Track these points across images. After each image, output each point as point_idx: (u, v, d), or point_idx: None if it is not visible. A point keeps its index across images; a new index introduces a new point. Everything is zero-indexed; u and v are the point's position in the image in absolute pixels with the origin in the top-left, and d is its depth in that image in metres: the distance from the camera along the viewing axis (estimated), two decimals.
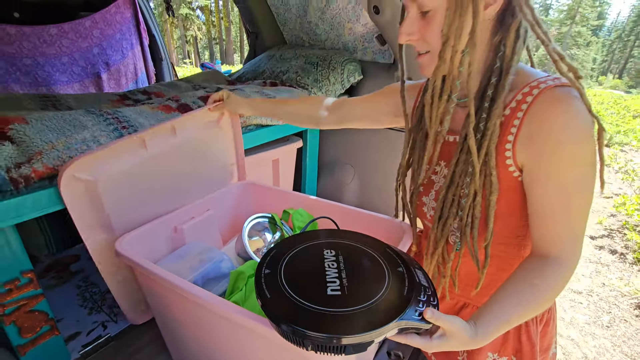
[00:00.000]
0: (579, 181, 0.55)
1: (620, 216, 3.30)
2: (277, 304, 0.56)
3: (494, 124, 0.57)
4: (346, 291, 0.58)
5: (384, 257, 0.65)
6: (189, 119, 1.01)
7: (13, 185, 0.74)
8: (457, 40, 0.55)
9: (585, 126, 0.52)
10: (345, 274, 0.62)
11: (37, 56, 2.17)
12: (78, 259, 1.50)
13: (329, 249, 0.68)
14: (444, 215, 0.67)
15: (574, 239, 0.57)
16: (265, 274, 0.62)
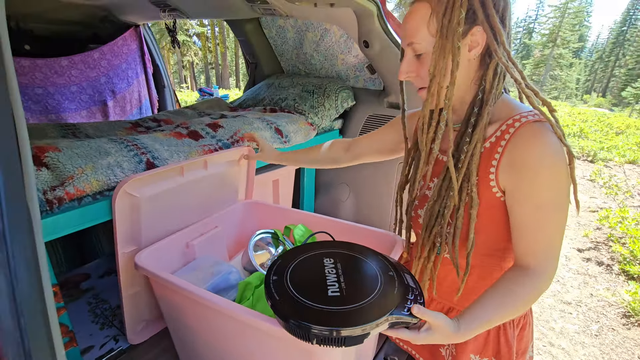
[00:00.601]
0: (554, 202, 0.63)
1: (605, 229, 3.43)
2: (285, 304, 0.65)
3: (474, 146, 0.68)
4: (344, 293, 0.68)
5: (377, 264, 0.75)
6: (218, 157, 1.17)
7: (48, 206, 0.84)
8: (442, 78, 0.66)
9: (558, 155, 0.62)
10: (344, 278, 0.72)
11: (48, 86, 2.29)
12: (88, 277, 1.57)
13: (328, 258, 0.78)
14: (430, 224, 0.76)
15: (550, 254, 0.65)
16: (273, 280, 0.71)
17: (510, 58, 0.65)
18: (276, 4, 1.56)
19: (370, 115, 1.87)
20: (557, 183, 0.62)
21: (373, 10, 1.41)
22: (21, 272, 0.41)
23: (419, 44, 0.68)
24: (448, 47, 0.64)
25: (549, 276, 0.65)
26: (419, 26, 0.67)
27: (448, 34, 0.63)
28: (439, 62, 0.65)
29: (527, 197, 0.64)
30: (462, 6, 0.62)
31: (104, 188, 0.94)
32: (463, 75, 0.68)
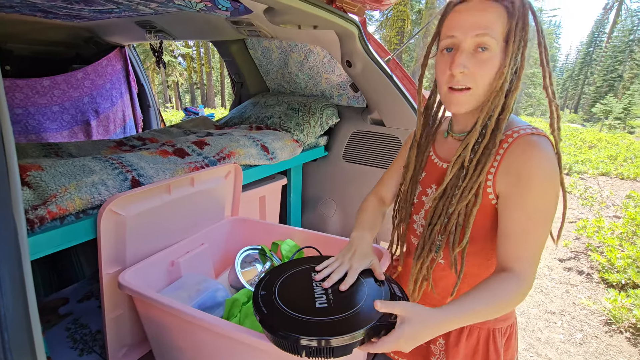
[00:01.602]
0: (543, 211, 0.66)
1: (583, 239, 3.54)
2: (272, 317, 0.65)
3: (490, 152, 0.69)
4: (332, 303, 0.68)
5: (363, 275, 0.77)
6: (205, 174, 1.17)
7: (29, 226, 0.82)
8: (500, 85, 0.66)
9: (553, 168, 0.66)
10: (331, 290, 0.73)
11: (28, 106, 2.26)
12: (67, 302, 1.50)
13: (315, 272, 0.78)
14: (432, 222, 0.78)
15: (533, 260, 0.67)
16: (261, 295, 0.72)
17: (551, 81, 0.69)
18: (261, 26, 1.61)
19: (355, 131, 1.92)
20: (549, 194, 0.65)
21: (354, 31, 1.48)
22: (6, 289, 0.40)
23: (492, 38, 0.64)
24: (518, 56, 0.66)
25: (529, 282, 0.67)
26: (494, 21, 0.64)
27: (518, 43, 0.65)
28: (508, 66, 0.65)
29: (519, 204, 0.67)
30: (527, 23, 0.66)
31: (87, 206, 0.93)
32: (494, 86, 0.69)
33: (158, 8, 1.48)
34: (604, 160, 7.25)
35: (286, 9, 1.20)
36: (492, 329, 0.82)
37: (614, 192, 5.15)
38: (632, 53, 29.63)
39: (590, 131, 14.58)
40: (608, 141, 10.40)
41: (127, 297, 1.00)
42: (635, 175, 6.05)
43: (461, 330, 0.83)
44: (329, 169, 2.02)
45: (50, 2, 1.42)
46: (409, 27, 21.36)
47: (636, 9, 33.01)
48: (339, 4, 1.39)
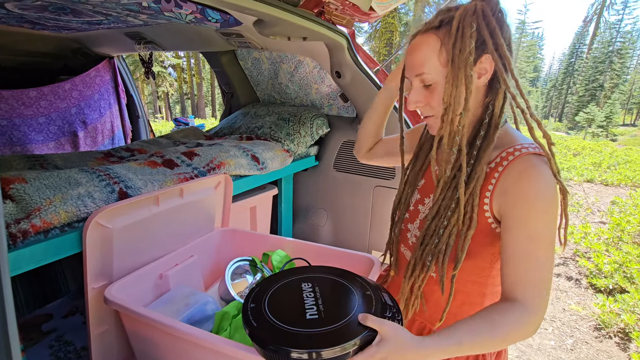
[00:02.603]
0: (545, 232, 0.62)
1: (571, 245, 3.59)
2: (262, 331, 0.64)
3: (482, 168, 0.68)
4: (323, 315, 0.67)
5: (354, 285, 0.76)
6: (195, 185, 1.16)
7: (12, 240, 0.80)
8: (457, 106, 0.67)
9: (553, 189, 0.63)
10: (322, 300, 0.72)
11: (13, 117, 2.22)
12: (50, 318, 1.46)
13: (306, 282, 0.78)
14: (425, 242, 0.75)
15: (540, 288, 0.62)
16: (250, 307, 0.71)
17: (518, 86, 0.66)
18: (251, 38, 1.62)
19: (345, 141, 1.93)
20: (550, 216, 0.63)
21: (343, 43, 1.50)
22: None
23: (429, 74, 0.69)
24: (461, 76, 0.65)
25: (536, 312, 0.62)
26: (428, 57, 0.68)
27: (460, 63, 0.65)
28: (452, 91, 0.66)
29: (520, 226, 0.64)
30: (472, 36, 0.64)
31: (73, 219, 0.91)
32: (472, 101, 0.69)
33: (148, 20, 1.48)
34: (589, 167, 7.43)
35: (275, 21, 1.22)
36: None
37: (599, 199, 5.26)
38: (611, 64, 30.73)
39: (575, 139, 14.96)
40: (592, 149, 10.68)
41: (114, 312, 0.98)
42: (619, 181, 6.21)
43: None
44: (319, 179, 2.02)
45: (38, 14, 1.41)
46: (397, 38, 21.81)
47: (614, 22, 34.37)
48: (328, 17, 1.41)
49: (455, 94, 0.66)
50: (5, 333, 0.44)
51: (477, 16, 0.64)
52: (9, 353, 0.43)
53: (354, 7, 1.36)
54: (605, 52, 31.45)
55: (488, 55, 0.66)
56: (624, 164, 7.79)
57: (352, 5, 1.34)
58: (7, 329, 0.44)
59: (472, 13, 0.65)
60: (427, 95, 0.71)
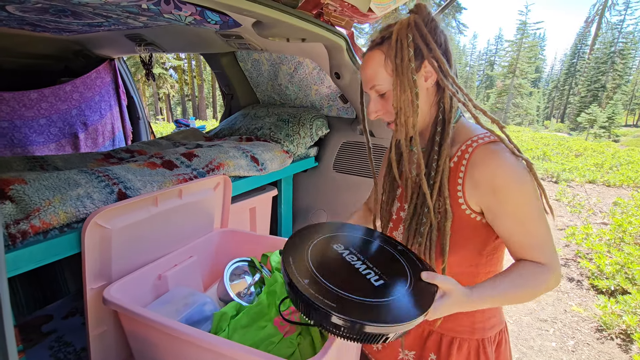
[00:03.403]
0: (534, 211, 0.68)
1: (572, 246, 3.58)
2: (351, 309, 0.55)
3: (444, 161, 0.74)
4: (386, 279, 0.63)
5: (384, 243, 0.75)
6: (194, 186, 1.16)
7: (11, 241, 0.80)
8: (406, 109, 0.74)
9: (518, 169, 0.68)
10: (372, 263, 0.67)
11: (14, 119, 2.23)
12: (50, 319, 1.46)
13: (336, 244, 0.72)
14: (409, 243, 0.79)
15: (549, 250, 0.69)
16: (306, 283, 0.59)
17: (456, 83, 0.73)
18: (251, 39, 1.63)
19: (344, 142, 1.93)
20: (530, 195, 0.68)
21: (342, 44, 1.51)
22: None
23: (380, 85, 0.76)
24: (405, 81, 0.72)
25: (558, 269, 0.69)
26: (377, 70, 0.76)
27: (403, 70, 0.72)
28: (400, 96, 0.73)
29: (508, 214, 0.69)
30: (410, 45, 0.72)
31: (72, 220, 0.91)
32: (424, 102, 0.76)
33: (147, 21, 1.49)
34: (591, 168, 7.40)
35: (274, 22, 1.22)
36: (482, 339, 0.82)
37: (601, 199, 5.25)
38: (613, 64, 30.65)
39: (577, 140, 14.92)
40: (594, 149, 10.65)
41: (112, 313, 0.98)
42: (621, 182, 6.18)
43: (451, 343, 0.82)
44: (319, 180, 2.03)
45: (38, 16, 1.42)
46: None
47: (616, 22, 34.29)
48: (327, 18, 1.42)
49: (404, 97, 0.73)
50: (2, 333, 0.44)
51: (411, 28, 0.73)
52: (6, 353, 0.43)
53: (353, 9, 1.37)
54: (607, 53, 31.38)
55: (432, 57, 0.72)
56: (626, 165, 7.76)
57: (351, 6, 1.34)
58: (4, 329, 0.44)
59: (407, 26, 0.73)
60: (383, 103, 0.79)
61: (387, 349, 0.93)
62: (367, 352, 0.99)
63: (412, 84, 0.72)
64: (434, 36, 0.73)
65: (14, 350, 0.47)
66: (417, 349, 0.87)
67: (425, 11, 0.74)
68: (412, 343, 0.88)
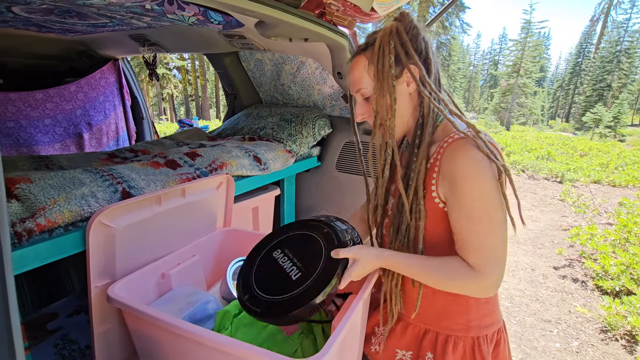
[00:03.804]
0: (478, 209, 0.70)
1: (577, 246, 3.55)
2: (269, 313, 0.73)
3: (420, 163, 0.77)
4: (303, 270, 0.76)
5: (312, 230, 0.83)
6: (197, 185, 1.17)
7: (17, 239, 0.81)
8: (385, 113, 0.78)
9: (479, 165, 0.69)
10: (297, 258, 0.79)
11: (20, 119, 2.25)
12: (55, 317, 1.47)
13: (276, 250, 0.84)
14: (392, 240, 0.83)
15: (485, 255, 0.70)
16: (246, 299, 0.78)
17: (433, 89, 0.76)
18: (253, 39, 1.63)
19: (347, 142, 1.93)
20: (482, 194, 0.70)
21: (344, 44, 1.51)
22: None
23: (365, 88, 0.81)
24: (385, 86, 0.76)
25: (485, 275, 0.70)
26: (361, 75, 0.80)
27: (383, 76, 0.76)
28: (379, 100, 0.77)
29: (455, 206, 0.73)
30: (391, 52, 0.76)
31: (77, 219, 0.92)
32: (407, 106, 0.80)
33: (151, 22, 1.50)
34: (596, 168, 7.35)
35: (277, 22, 1.23)
36: (477, 336, 0.82)
37: (606, 200, 5.21)
38: (619, 63, 30.38)
39: (582, 139, 14.81)
40: (599, 149, 10.57)
41: (117, 311, 0.99)
42: (626, 182, 6.13)
43: (446, 342, 0.83)
44: (321, 179, 2.03)
45: (44, 17, 1.43)
46: None
47: (622, 21, 33.99)
48: (329, 18, 1.42)
49: (382, 102, 0.77)
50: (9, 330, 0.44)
51: (393, 35, 0.76)
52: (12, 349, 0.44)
53: (355, 8, 1.37)
54: (613, 52, 31.09)
55: (412, 65, 0.76)
56: (632, 165, 7.70)
57: (353, 6, 1.35)
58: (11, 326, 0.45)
59: (389, 33, 0.77)
60: (368, 107, 0.83)
61: (385, 350, 0.93)
62: (365, 353, 0.99)
63: (391, 89, 0.76)
64: (414, 44, 0.77)
65: (21, 347, 0.48)
66: (414, 348, 0.88)
67: (408, 19, 0.78)
68: (409, 343, 0.89)
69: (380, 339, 0.94)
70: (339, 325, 0.72)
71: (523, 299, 2.69)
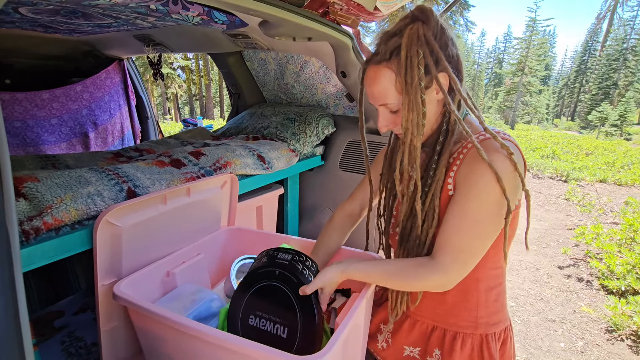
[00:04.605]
0: (475, 212, 0.69)
1: (582, 246, 3.53)
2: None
3: (440, 171, 0.75)
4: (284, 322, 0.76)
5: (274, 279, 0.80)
6: (201, 184, 1.17)
7: (24, 237, 0.82)
8: (414, 129, 0.73)
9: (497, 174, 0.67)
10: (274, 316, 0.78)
11: (27, 119, 2.28)
12: (62, 315, 1.49)
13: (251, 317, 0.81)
14: (403, 242, 0.82)
15: (455, 252, 0.70)
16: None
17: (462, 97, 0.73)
18: (257, 39, 1.64)
19: (350, 140, 1.93)
20: (486, 199, 0.68)
21: (348, 43, 1.51)
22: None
23: (392, 103, 0.75)
24: (414, 101, 0.71)
25: (447, 272, 0.70)
26: (387, 88, 0.74)
27: (412, 90, 0.70)
28: (409, 116, 0.73)
29: (457, 201, 0.72)
30: (420, 63, 0.69)
31: (83, 217, 0.93)
32: (433, 112, 0.76)
33: (156, 22, 1.51)
34: (602, 167, 7.29)
35: (280, 22, 1.23)
36: (485, 334, 0.82)
37: (612, 199, 5.16)
38: (626, 61, 30.05)
39: (587, 138, 14.67)
40: (605, 148, 10.47)
41: (122, 309, 1.00)
42: (633, 181, 6.07)
43: (454, 338, 0.83)
44: (325, 178, 2.03)
45: (50, 17, 1.45)
46: None
47: (628, 18, 33.60)
48: (333, 17, 1.42)
49: (412, 117, 0.72)
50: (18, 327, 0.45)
51: (422, 44, 0.69)
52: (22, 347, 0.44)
53: (359, 7, 1.37)
54: (619, 50, 30.77)
55: (443, 73, 0.71)
56: (638, 164, 7.62)
57: (357, 5, 1.35)
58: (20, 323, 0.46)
59: (416, 40, 0.69)
60: (394, 118, 0.78)
61: (392, 347, 0.93)
62: (372, 351, 0.99)
63: (420, 104, 0.71)
64: (445, 50, 0.70)
65: (30, 344, 0.49)
66: (422, 345, 0.88)
67: (433, 19, 0.70)
68: (417, 339, 0.89)
69: (387, 336, 0.95)
70: (342, 323, 0.72)
71: (527, 298, 2.68)
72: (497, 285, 0.83)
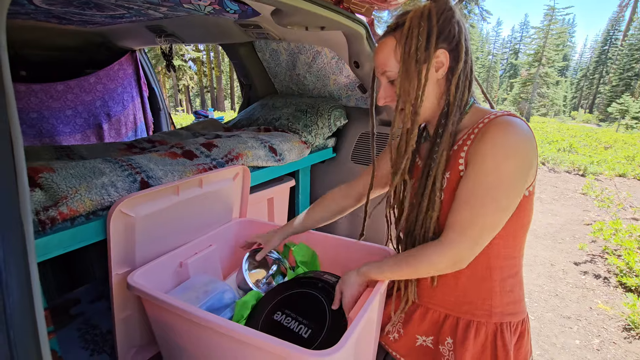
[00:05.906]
0: (486, 186, 0.68)
1: (600, 242, 3.44)
2: None
3: (441, 154, 0.75)
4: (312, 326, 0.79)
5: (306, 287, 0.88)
6: (213, 175, 1.17)
7: (41, 227, 0.83)
8: (408, 98, 0.74)
9: (511, 147, 0.67)
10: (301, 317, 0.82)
11: (42, 110, 2.31)
12: (78, 303, 1.52)
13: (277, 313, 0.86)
14: (409, 230, 0.83)
15: (463, 229, 0.70)
16: None
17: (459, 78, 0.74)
18: (269, 29, 1.61)
19: (363, 132, 1.90)
20: (499, 174, 0.67)
21: (362, 32, 1.47)
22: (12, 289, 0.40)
23: (390, 71, 0.77)
24: (411, 70, 0.73)
25: (454, 248, 0.70)
26: (388, 56, 0.77)
27: (409, 59, 0.73)
28: (403, 83, 0.74)
29: (468, 177, 0.71)
30: (421, 34, 0.71)
31: (97, 208, 0.94)
32: (434, 93, 0.77)
33: (167, 12, 1.50)
34: (621, 161, 7.06)
35: (293, 10, 1.20)
36: (500, 322, 0.80)
37: (631, 194, 5.01)
38: None
39: (606, 131, 14.23)
40: (625, 141, 10.14)
41: (136, 298, 1.01)
42: None
43: (468, 326, 0.81)
44: (337, 170, 2.01)
45: (64, 8, 1.45)
46: None
47: None
48: (346, 5, 1.38)
49: (406, 85, 0.73)
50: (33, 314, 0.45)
51: (424, 17, 0.72)
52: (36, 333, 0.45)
53: None
54: None
55: (441, 49, 0.72)
56: None
57: None
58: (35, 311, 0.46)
59: (420, 15, 0.73)
60: (393, 90, 0.79)
61: (404, 337, 0.92)
62: (383, 343, 0.98)
63: (417, 73, 0.72)
64: (447, 27, 0.72)
65: (44, 333, 0.49)
66: (434, 334, 0.87)
67: (443, 1, 0.73)
68: (429, 328, 0.88)
69: (398, 327, 0.93)
70: (355, 319, 0.71)
71: (542, 294, 2.63)
72: (512, 276, 0.80)
